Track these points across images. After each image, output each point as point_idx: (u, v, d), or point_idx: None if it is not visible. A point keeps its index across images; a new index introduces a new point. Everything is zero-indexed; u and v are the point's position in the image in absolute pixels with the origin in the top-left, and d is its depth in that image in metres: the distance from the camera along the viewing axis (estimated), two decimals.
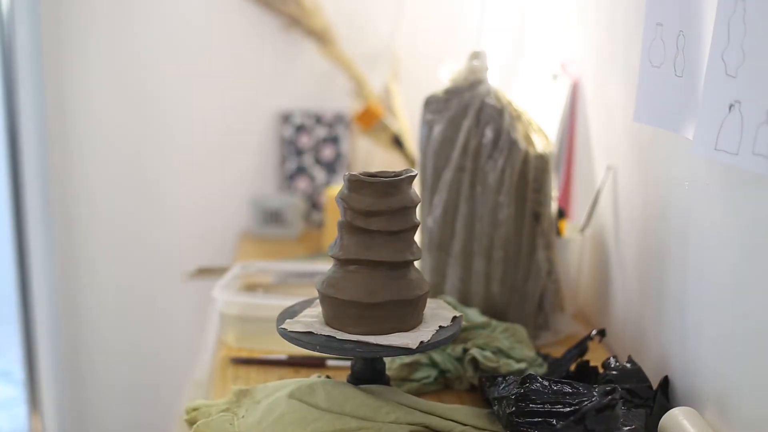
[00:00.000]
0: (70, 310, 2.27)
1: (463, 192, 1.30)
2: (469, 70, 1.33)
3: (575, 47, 1.59)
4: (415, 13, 2.18)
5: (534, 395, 0.97)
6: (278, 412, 1.00)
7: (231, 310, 1.32)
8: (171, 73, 2.18)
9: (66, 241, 2.25)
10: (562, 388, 0.98)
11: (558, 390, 0.97)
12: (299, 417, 0.99)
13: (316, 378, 1.07)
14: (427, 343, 1.00)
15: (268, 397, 1.04)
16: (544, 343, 1.33)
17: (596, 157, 1.46)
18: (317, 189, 2.22)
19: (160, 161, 2.24)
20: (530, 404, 0.96)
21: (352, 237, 1.03)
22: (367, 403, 1.01)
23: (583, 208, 1.49)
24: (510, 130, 1.29)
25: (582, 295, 1.48)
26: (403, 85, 2.17)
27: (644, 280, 1.22)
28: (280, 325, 1.05)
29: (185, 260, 2.16)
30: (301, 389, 1.03)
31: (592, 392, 0.96)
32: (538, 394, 0.97)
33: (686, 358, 1.06)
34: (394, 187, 1.01)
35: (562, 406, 0.95)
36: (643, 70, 1.10)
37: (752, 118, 0.81)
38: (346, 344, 1.01)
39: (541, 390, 0.97)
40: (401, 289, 1.02)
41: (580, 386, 0.98)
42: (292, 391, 1.03)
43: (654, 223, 1.18)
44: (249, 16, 2.17)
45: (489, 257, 1.30)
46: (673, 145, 1.10)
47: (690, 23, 0.98)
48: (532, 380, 0.98)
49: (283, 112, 2.21)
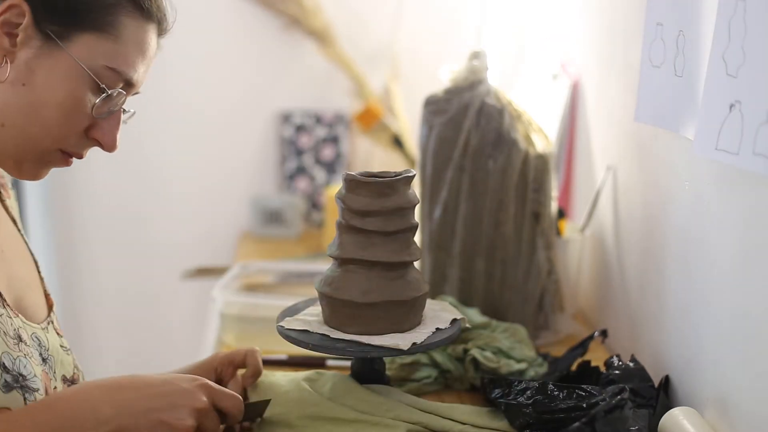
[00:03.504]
0: (70, 310, 2.27)
1: (463, 192, 1.30)
2: (469, 70, 1.33)
3: (575, 47, 1.59)
4: (415, 13, 2.18)
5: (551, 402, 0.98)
6: (285, 389, 1.02)
7: (231, 310, 1.32)
8: (171, 73, 2.18)
9: (66, 242, 2.25)
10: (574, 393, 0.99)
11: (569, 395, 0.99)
12: (300, 398, 1.01)
13: (331, 372, 1.09)
14: (419, 345, 1.00)
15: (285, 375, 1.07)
16: (544, 342, 1.32)
17: (596, 157, 1.45)
18: (317, 189, 2.22)
19: (160, 161, 2.24)
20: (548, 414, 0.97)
21: (349, 237, 1.03)
22: (369, 399, 1.02)
23: (583, 208, 1.49)
24: (510, 130, 1.29)
25: (582, 295, 1.48)
26: (403, 85, 2.17)
27: (644, 280, 1.22)
28: (279, 323, 1.05)
29: (185, 260, 2.16)
30: (315, 377, 1.06)
31: (601, 393, 0.97)
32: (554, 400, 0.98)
33: (686, 358, 1.06)
34: (390, 188, 1.01)
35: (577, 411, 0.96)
36: (644, 70, 1.09)
37: (753, 118, 0.81)
38: (339, 343, 1.01)
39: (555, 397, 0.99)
40: (397, 289, 1.02)
41: (591, 389, 0.99)
42: (307, 376, 1.06)
43: (654, 223, 1.18)
44: (249, 16, 2.17)
45: (489, 257, 1.30)
46: (673, 145, 1.10)
47: (690, 23, 0.98)
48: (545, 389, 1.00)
49: (283, 112, 2.21)
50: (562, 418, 0.96)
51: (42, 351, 0.91)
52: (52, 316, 0.98)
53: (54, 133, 0.88)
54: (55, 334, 0.96)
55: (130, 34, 0.89)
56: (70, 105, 0.87)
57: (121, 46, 0.88)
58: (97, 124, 0.91)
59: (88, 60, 0.86)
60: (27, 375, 0.84)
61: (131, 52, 0.89)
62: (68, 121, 0.88)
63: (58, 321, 1.00)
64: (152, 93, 2.17)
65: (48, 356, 0.92)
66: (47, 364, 0.91)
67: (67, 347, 0.98)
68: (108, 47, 0.87)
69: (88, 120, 0.89)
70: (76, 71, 0.86)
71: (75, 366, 0.98)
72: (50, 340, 0.94)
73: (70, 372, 0.96)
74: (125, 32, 0.88)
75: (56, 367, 0.93)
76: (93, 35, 0.87)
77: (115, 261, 2.27)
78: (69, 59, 0.86)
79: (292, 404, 1.00)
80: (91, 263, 2.26)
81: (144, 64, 0.92)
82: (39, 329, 0.92)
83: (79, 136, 0.90)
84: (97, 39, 0.87)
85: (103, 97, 0.88)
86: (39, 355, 0.90)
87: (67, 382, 0.94)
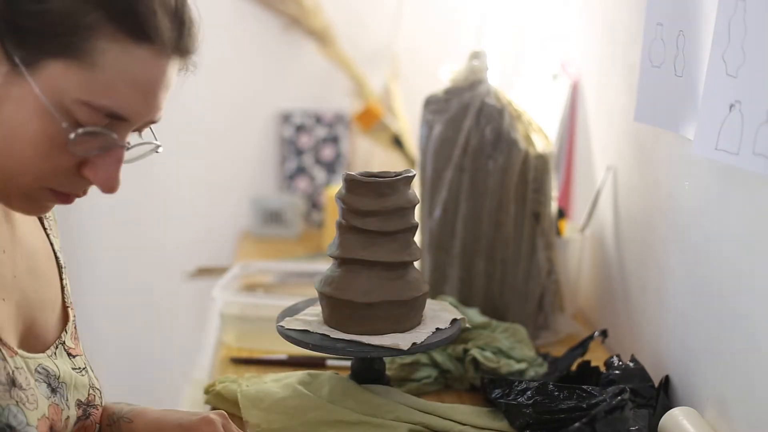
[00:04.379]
0: None
1: (463, 192, 1.30)
2: (469, 70, 1.33)
3: (575, 47, 1.59)
4: (415, 13, 2.18)
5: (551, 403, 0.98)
6: (282, 396, 1.02)
7: (231, 310, 1.32)
8: None
9: (66, 241, 2.25)
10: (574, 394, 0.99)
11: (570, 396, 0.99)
12: (300, 403, 1.01)
13: (326, 372, 1.09)
14: (419, 345, 1.00)
15: (276, 382, 1.07)
16: (544, 342, 1.32)
17: (596, 157, 1.45)
18: (317, 189, 2.22)
19: (160, 161, 2.23)
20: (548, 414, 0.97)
21: (349, 237, 1.03)
22: (369, 401, 1.02)
23: (583, 208, 1.49)
24: (510, 130, 1.29)
25: (582, 295, 1.48)
26: (403, 85, 2.17)
27: (644, 280, 1.22)
28: (279, 323, 1.05)
29: (185, 260, 2.16)
30: (309, 380, 1.05)
31: (602, 394, 0.97)
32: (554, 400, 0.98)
33: (686, 358, 1.06)
34: (390, 188, 1.01)
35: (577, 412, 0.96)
36: (644, 70, 1.10)
37: (753, 118, 0.81)
38: (338, 343, 1.01)
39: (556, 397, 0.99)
40: (397, 289, 1.02)
41: (591, 389, 0.99)
42: (300, 380, 1.05)
43: (654, 223, 1.18)
44: (249, 16, 2.17)
45: (489, 257, 1.30)
46: (673, 145, 1.10)
47: (690, 23, 0.98)
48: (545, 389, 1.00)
49: (283, 112, 2.21)
50: (562, 419, 0.96)
51: (51, 381, 0.84)
52: (64, 336, 0.90)
53: (33, 170, 0.76)
54: (66, 356, 0.89)
55: (113, 61, 0.74)
56: (42, 142, 0.75)
57: (99, 75, 0.74)
58: (90, 161, 0.78)
59: (57, 92, 0.74)
60: (17, 425, 0.77)
61: (116, 82, 0.75)
62: (46, 159, 0.76)
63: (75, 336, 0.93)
64: None
65: (59, 385, 0.85)
66: (57, 394, 0.85)
67: (82, 367, 0.91)
68: (81, 77, 0.74)
69: (72, 157, 0.76)
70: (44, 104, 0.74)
71: (91, 386, 0.91)
72: (60, 367, 0.87)
73: (85, 395, 0.90)
74: (104, 59, 0.74)
75: (69, 394, 0.87)
76: (63, 63, 0.73)
77: (115, 261, 2.27)
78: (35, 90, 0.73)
79: (292, 411, 1.00)
80: (91, 263, 2.26)
81: (146, 95, 0.79)
82: (45, 358, 0.85)
83: (69, 174, 0.78)
84: (67, 68, 0.73)
85: (79, 133, 0.75)
86: (47, 386, 0.84)
87: (82, 406, 0.89)
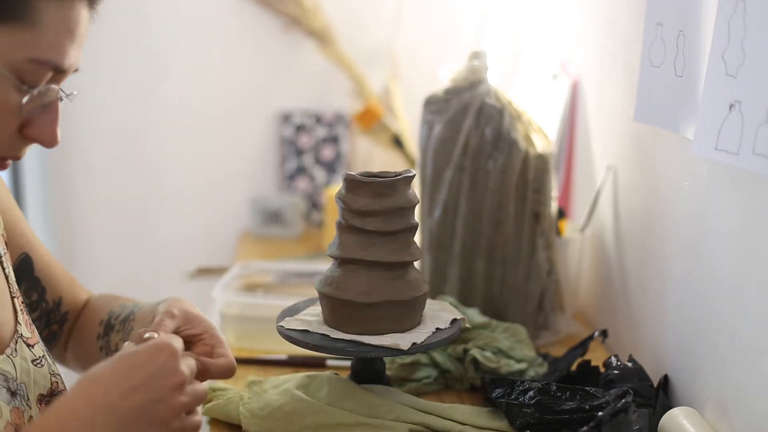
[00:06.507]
0: None
1: (463, 192, 1.30)
2: (469, 70, 1.33)
3: (575, 47, 1.59)
4: (415, 13, 2.18)
5: (553, 403, 0.98)
6: (280, 403, 1.02)
7: (231, 310, 1.31)
8: (171, 73, 2.18)
9: (66, 241, 2.25)
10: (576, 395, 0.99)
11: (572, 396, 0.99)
12: (299, 408, 1.00)
13: (324, 373, 1.08)
14: (419, 345, 1.00)
15: (275, 388, 1.06)
16: (544, 342, 1.32)
17: (596, 157, 1.46)
18: (317, 189, 2.22)
19: (161, 161, 2.24)
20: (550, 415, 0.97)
21: (349, 237, 1.03)
22: (368, 402, 1.02)
23: (583, 208, 1.49)
24: (510, 130, 1.29)
25: (582, 295, 1.48)
26: (403, 85, 2.17)
27: (644, 280, 1.22)
28: (279, 323, 1.05)
29: (185, 260, 2.16)
30: (307, 383, 1.05)
31: (604, 395, 0.97)
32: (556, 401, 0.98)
33: (686, 358, 1.06)
34: (389, 188, 1.01)
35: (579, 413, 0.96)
36: (644, 70, 1.10)
37: (752, 118, 0.81)
38: (339, 343, 1.01)
39: (558, 398, 0.99)
40: (397, 289, 1.02)
41: (593, 390, 0.99)
42: (298, 384, 1.05)
43: (654, 223, 1.18)
44: (249, 16, 2.17)
45: (489, 257, 1.30)
46: (673, 145, 1.10)
47: (690, 23, 0.98)
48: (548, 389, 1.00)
49: (283, 112, 2.21)
50: (564, 419, 0.96)
51: (10, 384, 0.84)
52: (20, 328, 0.89)
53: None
54: (25, 349, 0.89)
55: (51, 16, 0.77)
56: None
57: (43, 32, 0.76)
58: (31, 121, 0.80)
59: (5, 56, 0.75)
60: None
61: (57, 36, 0.77)
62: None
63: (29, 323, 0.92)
64: (152, 93, 2.19)
65: (18, 386, 0.85)
66: (18, 397, 0.84)
67: (40, 355, 0.90)
68: (27, 37, 0.76)
69: (18, 120, 0.79)
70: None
71: (51, 373, 0.91)
72: (18, 365, 0.86)
73: (47, 386, 0.90)
74: (45, 16, 0.76)
75: (29, 392, 0.87)
76: (6, 27, 0.75)
77: (115, 261, 2.27)
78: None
79: (291, 417, 0.99)
80: (92, 263, 2.26)
81: (75, 45, 0.80)
82: (4, 360, 0.85)
83: (12, 137, 0.80)
84: (12, 30, 0.75)
85: (34, 94, 0.78)
86: (7, 390, 0.83)
87: (45, 399, 0.88)
